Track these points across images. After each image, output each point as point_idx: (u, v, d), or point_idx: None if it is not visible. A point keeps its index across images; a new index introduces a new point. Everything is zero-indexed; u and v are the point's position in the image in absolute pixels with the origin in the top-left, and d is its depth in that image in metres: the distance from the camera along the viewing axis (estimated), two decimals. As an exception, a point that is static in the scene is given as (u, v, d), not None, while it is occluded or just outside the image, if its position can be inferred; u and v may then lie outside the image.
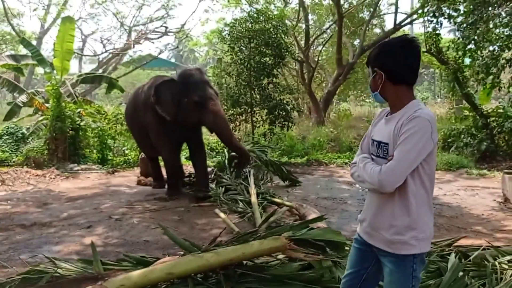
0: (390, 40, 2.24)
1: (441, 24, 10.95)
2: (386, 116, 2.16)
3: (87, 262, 3.28)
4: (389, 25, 20.45)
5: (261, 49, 11.89)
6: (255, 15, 12.51)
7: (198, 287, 2.93)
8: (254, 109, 12.21)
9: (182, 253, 3.48)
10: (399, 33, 20.98)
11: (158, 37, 22.30)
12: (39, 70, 18.53)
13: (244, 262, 3.02)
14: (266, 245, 2.96)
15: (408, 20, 17.53)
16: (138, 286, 2.72)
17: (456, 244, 3.64)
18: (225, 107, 12.06)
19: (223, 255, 2.91)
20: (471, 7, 9.87)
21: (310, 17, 19.92)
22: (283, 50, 12.15)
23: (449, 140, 12.35)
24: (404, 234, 2.03)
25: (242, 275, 2.98)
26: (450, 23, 10.91)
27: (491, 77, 10.39)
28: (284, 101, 12.37)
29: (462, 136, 11.90)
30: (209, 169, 8.25)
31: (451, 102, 14.11)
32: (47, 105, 12.03)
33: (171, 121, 7.05)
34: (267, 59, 12.07)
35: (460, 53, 10.85)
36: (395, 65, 2.06)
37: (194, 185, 7.93)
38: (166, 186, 8.13)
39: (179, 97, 7.04)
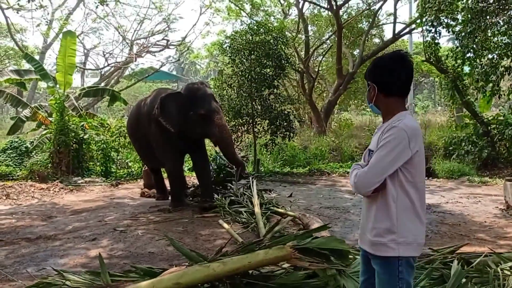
0: (383, 56, 2.38)
1: (440, 33, 11.07)
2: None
3: (95, 274, 3.32)
4: (388, 34, 20.56)
5: (262, 60, 11.98)
6: (255, 27, 12.62)
7: (205, 296, 2.97)
8: (256, 120, 12.26)
9: (187, 264, 3.51)
10: (398, 43, 21.20)
11: (160, 50, 22.44)
12: (42, 84, 18.69)
13: (250, 271, 3.06)
14: (271, 254, 3.00)
15: (407, 29, 17.64)
16: (146, 296, 2.76)
17: (459, 251, 3.68)
18: (227, 118, 12.12)
19: (229, 264, 2.95)
20: (469, 16, 9.98)
21: (309, 28, 20.10)
22: (283, 61, 12.24)
23: (450, 148, 12.40)
24: (384, 236, 2.14)
25: (248, 284, 3.02)
26: (449, 32, 11.02)
27: (490, 85, 10.46)
28: (285, 112, 12.43)
29: (463, 144, 11.95)
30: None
31: (451, 110, 14.17)
32: (50, 119, 12.13)
33: (175, 133, 7.12)
34: (268, 70, 12.15)
35: (459, 61, 10.95)
36: (386, 78, 2.20)
37: (199, 196, 7.97)
38: (169, 198, 8.17)
39: (185, 109, 7.14)
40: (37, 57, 17.67)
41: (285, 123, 12.30)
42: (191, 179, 9.66)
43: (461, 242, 5.04)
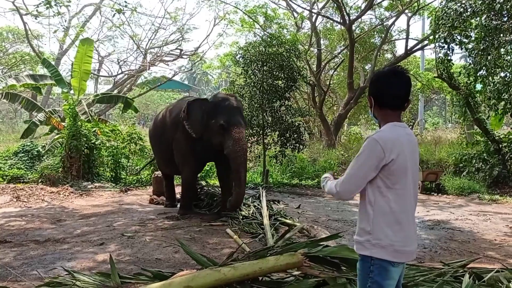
0: (381, 70, 2.51)
1: (453, 50, 11.08)
2: None
3: (105, 275, 3.34)
4: (400, 50, 20.60)
5: (274, 72, 12.05)
6: (268, 39, 12.73)
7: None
8: (266, 131, 12.30)
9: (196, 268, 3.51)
10: (410, 59, 21.22)
11: (173, 60, 22.70)
12: (56, 89, 18.96)
13: (260, 277, 3.06)
14: (282, 261, 3.01)
15: (419, 46, 17.66)
16: (157, 298, 2.78)
17: (469, 266, 3.65)
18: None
19: (240, 270, 2.96)
20: (483, 33, 9.98)
21: (322, 42, 20.22)
22: (295, 74, 12.30)
23: (461, 165, 12.32)
24: (361, 236, 2.30)
25: (257, 290, 3.02)
26: (462, 49, 11.03)
27: (503, 103, 10.42)
28: (296, 124, 12.46)
29: (474, 161, 11.86)
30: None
31: (462, 127, 14.10)
32: (63, 124, 12.28)
33: (197, 138, 7.18)
34: (280, 82, 12.21)
35: (471, 78, 10.92)
36: (380, 91, 2.35)
37: (220, 205, 7.95)
38: (178, 205, 8.19)
39: (208, 117, 7.18)
40: (52, 63, 17.96)
41: (295, 135, 12.33)
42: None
43: (473, 258, 5.01)
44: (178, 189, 8.92)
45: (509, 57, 10.24)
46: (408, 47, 17.38)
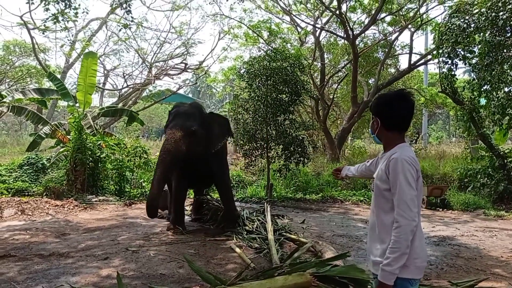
0: (387, 93, 2.57)
1: (456, 65, 11.09)
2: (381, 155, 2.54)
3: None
4: (404, 65, 20.74)
5: (278, 86, 12.10)
6: (272, 54, 12.81)
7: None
8: (270, 144, 12.31)
9: (199, 286, 3.50)
10: (413, 73, 21.28)
11: (178, 73, 22.84)
12: (61, 102, 19.08)
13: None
14: (290, 281, 3.00)
15: (423, 60, 17.73)
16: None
17: (478, 286, 3.62)
18: (241, 142, 12.21)
19: None
20: (486, 49, 10.01)
21: (326, 56, 20.31)
22: (299, 88, 12.34)
23: (466, 180, 12.28)
24: (382, 257, 2.32)
25: (266, 310, 3.00)
26: (465, 64, 11.06)
27: (507, 118, 10.41)
28: (300, 137, 12.46)
29: (479, 176, 11.81)
30: None
31: (466, 142, 14.08)
32: (68, 137, 12.33)
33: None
34: (284, 96, 12.26)
35: (475, 93, 10.93)
36: (388, 114, 2.40)
37: (221, 219, 7.93)
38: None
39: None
40: (58, 77, 18.11)
41: (299, 149, 12.32)
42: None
43: (478, 277, 4.95)
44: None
45: (512, 73, 10.27)
46: (412, 62, 17.45)
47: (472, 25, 10.44)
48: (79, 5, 9.88)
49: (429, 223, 9.11)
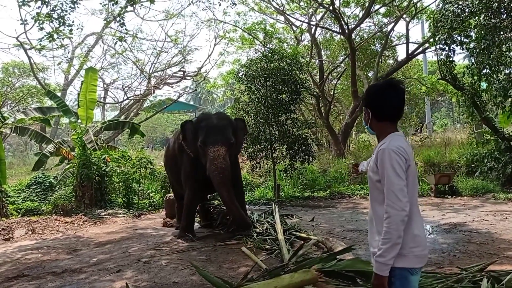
0: (377, 83, 2.57)
1: (454, 51, 11.07)
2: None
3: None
4: (401, 55, 20.65)
5: (278, 86, 12.12)
6: (269, 54, 12.84)
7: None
8: (274, 145, 12.32)
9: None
10: (412, 62, 21.22)
11: (177, 82, 22.88)
12: (64, 120, 19.17)
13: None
14: (297, 278, 3.00)
15: (420, 49, 17.67)
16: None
17: (487, 269, 3.60)
18: (245, 144, 12.22)
19: None
20: (483, 32, 9.99)
21: (323, 52, 20.32)
22: (299, 86, 12.35)
23: (473, 165, 12.22)
24: None
25: (275, 309, 3.00)
26: (463, 49, 11.03)
27: (509, 99, 10.36)
28: (303, 136, 12.47)
29: (486, 160, 11.75)
30: None
31: (470, 127, 14.02)
32: (73, 153, 12.40)
33: (199, 161, 7.20)
34: (284, 96, 12.27)
35: (475, 78, 10.89)
36: (378, 104, 2.39)
37: (231, 224, 7.92)
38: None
39: (194, 138, 7.25)
40: (58, 94, 18.20)
41: (304, 147, 12.33)
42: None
43: (491, 261, 4.93)
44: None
45: (511, 54, 10.22)
46: (410, 51, 17.40)
47: (467, 10, 10.43)
48: (73, 22, 9.88)
49: (439, 211, 9.08)
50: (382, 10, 18.34)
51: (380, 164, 2.27)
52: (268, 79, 12.09)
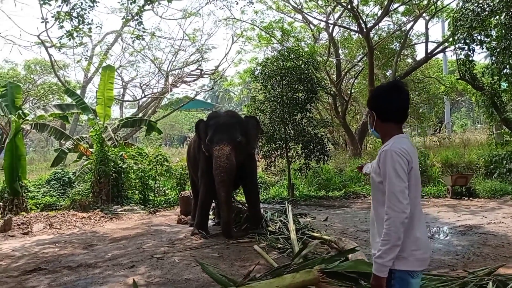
0: (381, 85, 2.56)
1: (473, 50, 10.89)
2: None
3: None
4: (420, 54, 20.36)
5: (293, 85, 12.10)
6: (285, 53, 12.82)
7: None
8: (289, 144, 12.31)
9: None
10: (432, 62, 20.92)
11: (194, 80, 23.05)
12: (83, 117, 19.47)
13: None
14: (298, 278, 3.02)
15: (440, 48, 17.41)
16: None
17: (496, 272, 3.55)
18: (260, 143, 12.24)
19: None
20: (503, 31, 9.80)
21: (340, 51, 20.18)
22: (315, 85, 12.31)
23: (491, 166, 12.02)
24: None
25: (276, 308, 3.03)
26: (482, 49, 10.84)
27: (530, 100, 10.16)
28: (319, 135, 12.42)
29: (505, 162, 11.56)
30: None
31: (490, 128, 13.78)
32: (91, 150, 12.59)
33: (209, 156, 7.28)
34: (300, 94, 12.25)
35: (495, 78, 10.70)
36: (382, 106, 2.38)
37: (244, 221, 7.98)
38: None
39: (205, 136, 7.37)
40: (78, 91, 18.51)
41: (319, 147, 12.28)
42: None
43: (506, 264, 4.86)
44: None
45: (533, 54, 10.01)
46: (429, 51, 17.15)
47: (487, 9, 10.25)
48: (92, 20, 10.03)
49: (455, 213, 8.96)
50: (401, 8, 18.13)
51: (382, 166, 2.26)
52: (284, 78, 12.09)
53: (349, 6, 15.57)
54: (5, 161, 11.19)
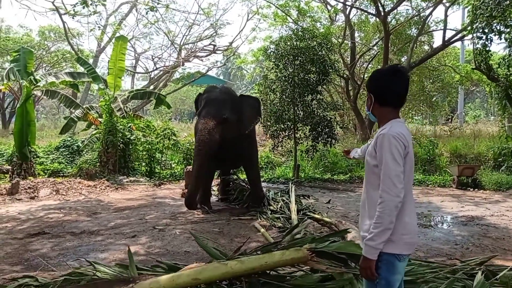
0: (381, 69, 2.58)
1: (491, 40, 10.67)
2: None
3: (124, 266, 3.48)
4: (437, 41, 20.02)
5: (306, 66, 11.98)
6: (300, 33, 12.66)
7: (223, 293, 3.07)
8: (297, 125, 12.27)
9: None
10: (449, 50, 20.56)
11: (207, 55, 22.92)
12: (95, 86, 19.56)
13: (269, 271, 3.13)
14: (287, 255, 3.06)
15: (458, 36, 17.07)
16: (165, 290, 2.90)
17: (488, 263, 3.55)
18: (269, 123, 12.21)
19: (247, 263, 3.03)
20: (523, 22, 9.58)
21: (356, 34, 19.88)
22: (327, 67, 12.18)
23: (500, 159, 11.90)
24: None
25: (264, 284, 3.10)
26: (501, 39, 10.62)
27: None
28: (328, 118, 12.35)
29: (514, 155, 11.42)
30: None
31: (501, 120, 13.59)
32: (100, 119, 12.68)
33: None
34: (312, 76, 12.14)
35: (511, 69, 10.50)
36: (381, 90, 2.37)
37: (247, 199, 8.06)
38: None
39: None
40: (91, 61, 18.51)
41: (327, 129, 12.23)
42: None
43: (504, 257, 4.86)
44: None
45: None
46: (446, 38, 16.84)
47: (508, -2, 9.99)
48: (106, -11, 9.98)
49: (459, 203, 8.93)
50: (421, -7, 17.73)
51: (379, 149, 2.26)
52: (296, 58, 11.97)
53: (367, -12, 15.28)
54: (15, 126, 11.33)
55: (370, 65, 20.81)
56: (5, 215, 7.32)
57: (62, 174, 11.77)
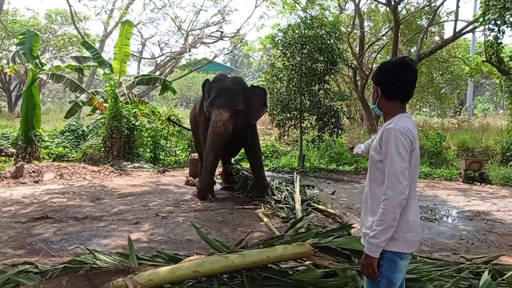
0: (389, 61, 2.46)
1: (503, 32, 10.47)
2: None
3: (124, 256, 3.46)
4: (448, 32, 19.73)
5: (314, 55, 11.85)
6: (308, 21, 12.50)
7: (223, 287, 3.03)
8: (304, 115, 12.17)
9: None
10: (460, 41, 20.27)
11: (214, 42, 22.80)
12: (101, 71, 19.50)
13: (270, 265, 3.09)
14: (290, 250, 3.02)
15: (469, 28, 16.79)
16: (165, 281, 2.87)
17: (495, 261, 3.48)
18: (275, 112, 12.12)
19: (248, 257, 2.98)
20: (537, 15, 9.37)
21: (366, 23, 19.62)
22: (335, 57, 12.04)
23: (508, 154, 11.76)
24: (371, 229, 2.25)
25: (266, 278, 3.06)
26: (513, 31, 10.42)
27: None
28: (334, 108, 12.24)
29: (522, 150, 11.28)
30: None
31: (510, 113, 13.42)
32: (105, 104, 12.63)
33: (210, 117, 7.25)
34: (319, 65, 12.01)
35: (523, 63, 10.33)
36: (388, 83, 2.29)
37: (251, 188, 8.02)
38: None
39: (208, 97, 7.30)
40: (97, 45, 18.43)
41: (334, 119, 12.13)
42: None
43: (510, 253, 4.79)
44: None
45: None
46: (457, 30, 16.57)
47: (523, -11, 9.76)
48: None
49: (465, 197, 8.84)
50: (433, -17, 17.42)
51: (384, 144, 2.19)
52: (304, 47, 11.83)
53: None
54: (22, 109, 11.32)
55: (379, 56, 20.57)
56: (9, 199, 7.33)
57: (66, 159, 11.78)
